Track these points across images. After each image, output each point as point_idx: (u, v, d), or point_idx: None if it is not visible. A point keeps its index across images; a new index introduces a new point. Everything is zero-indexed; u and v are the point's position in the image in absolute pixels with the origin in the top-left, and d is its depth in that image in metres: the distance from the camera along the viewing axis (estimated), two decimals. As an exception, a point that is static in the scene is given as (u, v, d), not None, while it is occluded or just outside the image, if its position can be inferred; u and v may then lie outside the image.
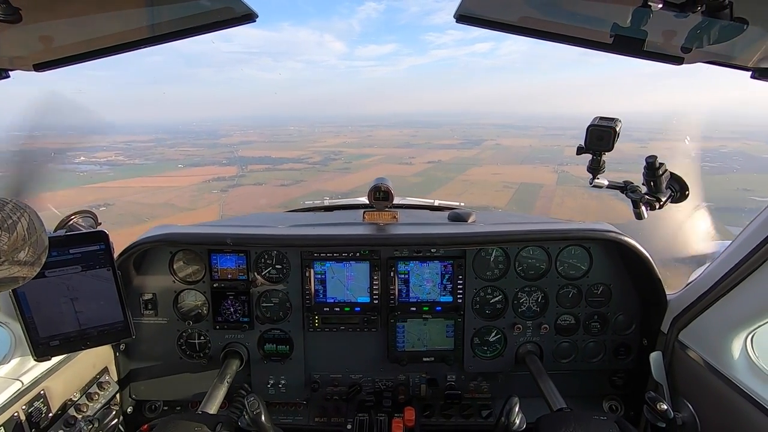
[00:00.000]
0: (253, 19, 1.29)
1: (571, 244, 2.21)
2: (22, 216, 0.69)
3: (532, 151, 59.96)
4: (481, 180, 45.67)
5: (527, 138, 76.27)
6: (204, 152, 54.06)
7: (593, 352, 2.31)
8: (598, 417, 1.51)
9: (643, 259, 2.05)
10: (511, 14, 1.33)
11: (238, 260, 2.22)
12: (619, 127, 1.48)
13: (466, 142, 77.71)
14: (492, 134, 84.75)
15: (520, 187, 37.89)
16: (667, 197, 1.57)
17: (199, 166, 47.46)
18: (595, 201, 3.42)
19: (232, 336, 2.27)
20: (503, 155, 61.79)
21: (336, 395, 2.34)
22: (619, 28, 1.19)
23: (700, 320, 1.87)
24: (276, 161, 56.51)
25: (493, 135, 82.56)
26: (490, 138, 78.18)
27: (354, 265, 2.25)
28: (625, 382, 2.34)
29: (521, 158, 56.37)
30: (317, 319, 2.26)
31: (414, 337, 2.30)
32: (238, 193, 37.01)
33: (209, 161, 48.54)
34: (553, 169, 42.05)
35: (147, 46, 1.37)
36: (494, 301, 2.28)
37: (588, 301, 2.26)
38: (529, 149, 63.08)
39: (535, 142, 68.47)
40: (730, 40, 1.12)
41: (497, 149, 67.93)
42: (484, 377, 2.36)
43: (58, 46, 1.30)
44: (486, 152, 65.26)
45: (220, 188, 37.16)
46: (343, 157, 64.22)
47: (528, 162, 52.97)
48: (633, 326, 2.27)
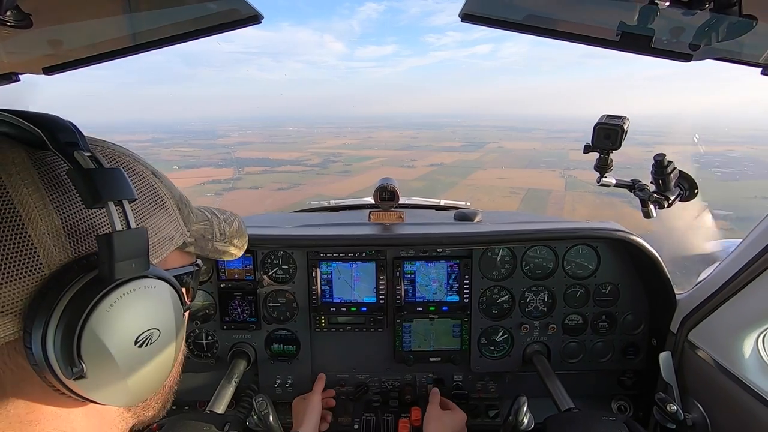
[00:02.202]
0: (259, 21, 1.29)
1: (579, 243, 2.21)
2: (236, 218, 0.92)
3: (537, 155, 59.57)
4: (486, 185, 45.23)
5: (530, 141, 75.99)
6: (200, 153, 53.89)
7: (601, 352, 2.30)
8: (607, 417, 1.50)
9: (651, 258, 2.04)
10: (517, 12, 1.33)
11: (244, 260, 2.23)
12: (626, 125, 1.48)
13: (468, 144, 77.47)
14: (494, 136, 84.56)
15: (527, 193, 37.34)
16: (675, 196, 1.56)
17: (194, 167, 46.88)
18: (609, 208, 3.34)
19: (239, 336, 2.28)
20: (507, 158, 61.46)
21: (343, 395, 2.34)
22: (626, 25, 1.18)
23: (710, 320, 1.85)
24: (274, 163, 56.14)
25: (495, 137, 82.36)
26: (492, 140, 77.91)
27: (360, 265, 2.25)
28: (634, 383, 2.32)
29: (526, 162, 55.98)
30: (324, 319, 2.27)
31: (420, 337, 2.30)
32: (233, 197, 36.46)
33: (205, 163, 48.33)
34: (560, 173, 41.48)
35: (153, 48, 1.38)
36: (501, 300, 2.27)
37: (596, 300, 2.25)
38: (533, 152, 62.74)
39: (538, 145, 68.14)
40: (739, 37, 1.11)
41: (500, 152, 67.65)
42: (491, 377, 2.35)
43: (67, 50, 1.31)
44: (489, 155, 65.01)
45: (214, 191, 36.22)
46: (343, 159, 64.03)
47: (533, 166, 52.57)
48: (642, 326, 2.25)
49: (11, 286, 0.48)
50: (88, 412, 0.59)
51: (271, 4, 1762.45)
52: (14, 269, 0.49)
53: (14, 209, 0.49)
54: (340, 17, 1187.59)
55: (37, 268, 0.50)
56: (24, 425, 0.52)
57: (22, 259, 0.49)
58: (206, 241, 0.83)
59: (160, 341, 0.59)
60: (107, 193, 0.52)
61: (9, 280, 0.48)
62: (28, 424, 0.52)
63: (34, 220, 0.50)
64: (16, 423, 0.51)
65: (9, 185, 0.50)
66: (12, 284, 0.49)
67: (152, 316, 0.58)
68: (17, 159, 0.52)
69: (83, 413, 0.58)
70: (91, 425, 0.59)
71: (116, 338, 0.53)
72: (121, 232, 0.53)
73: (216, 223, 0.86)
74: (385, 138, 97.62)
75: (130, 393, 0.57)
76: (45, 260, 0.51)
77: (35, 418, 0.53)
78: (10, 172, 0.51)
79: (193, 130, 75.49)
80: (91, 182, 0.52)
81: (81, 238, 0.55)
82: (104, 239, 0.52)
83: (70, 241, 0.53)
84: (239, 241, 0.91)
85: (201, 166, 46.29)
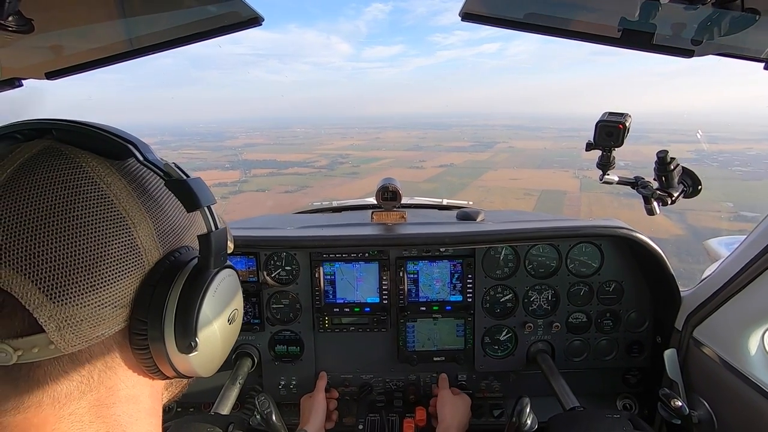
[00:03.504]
0: (259, 23, 1.30)
1: (582, 241, 2.19)
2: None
3: (548, 154, 58.66)
4: (498, 186, 44.33)
5: (540, 140, 75.13)
6: (207, 155, 54.00)
7: (606, 350, 2.28)
8: (611, 415, 1.49)
9: (655, 255, 2.03)
10: (517, 11, 1.32)
11: (247, 262, 2.24)
12: (628, 122, 1.47)
13: (477, 144, 76.84)
14: (503, 136, 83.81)
15: (542, 195, 36.36)
16: (679, 192, 1.54)
17: (201, 170, 46.45)
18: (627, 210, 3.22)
19: (243, 338, 2.29)
20: (518, 159, 60.70)
21: (347, 395, 2.35)
22: (628, 21, 1.17)
23: (715, 317, 1.83)
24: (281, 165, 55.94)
25: (505, 137, 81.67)
26: (502, 140, 77.20)
27: (363, 266, 2.25)
28: (639, 380, 2.31)
29: (538, 162, 55.15)
30: (327, 319, 2.27)
31: (424, 337, 2.30)
32: (240, 201, 36.28)
33: (212, 165, 48.39)
34: (573, 174, 40.46)
35: (155, 52, 1.39)
36: (504, 299, 2.26)
37: (600, 298, 2.23)
38: (544, 152, 61.81)
39: (549, 145, 67.27)
40: (741, 32, 1.10)
41: (511, 152, 66.87)
42: (495, 376, 2.35)
43: (68, 54, 1.32)
44: (499, 155, 64.33)
45: (220, 194, 35.59)
46: (350, 160, 63.73)
47: (546, 166, 51.69)
48: (646, 323, 2.24)
49: (125, 282, 0.57)
50: (152, 393, 0.67)
51: (277, 6, 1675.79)
52: (127, 267, 0.57)
53: (121, 216, 0.58)
54: (346, 18, 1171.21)
55: (142, 265, 0.59)
56: (101, 408, 0.58)
57: (133, 259, 0.58)
58: None
59: (237, 318, 0.73)
60: (203, 200, 0.62)
61: (123, 276, 0.56)
62: (105, 407, 0.59)
63: (137, 225, 0.59)
64: (95, 407, 0.58)
65: (111, 194, 0.58)
66: (125, 280, 0.57)
67: (235, 298, 0.71)
68: (105, 170, 0.59)
69: (149, 395, 0.66)
70: (152, 406, 0.67)
71: (219, 316, 0.66)
72: (215, 232, 0.63)
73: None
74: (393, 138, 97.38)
75: (217, 363, 0.71)
76: (147, 258, 0.60)
77: (112, 401, 0.59)
78: (107, 182, 0.58)
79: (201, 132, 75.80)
80: (190, 190, 0.61)
81: (166, 237, 0.63)
82: (205, 238, 0.62)
83: (160, 241, 0.62)
84: (229, 235, 1.00)
85: (208, 169, 46.33)
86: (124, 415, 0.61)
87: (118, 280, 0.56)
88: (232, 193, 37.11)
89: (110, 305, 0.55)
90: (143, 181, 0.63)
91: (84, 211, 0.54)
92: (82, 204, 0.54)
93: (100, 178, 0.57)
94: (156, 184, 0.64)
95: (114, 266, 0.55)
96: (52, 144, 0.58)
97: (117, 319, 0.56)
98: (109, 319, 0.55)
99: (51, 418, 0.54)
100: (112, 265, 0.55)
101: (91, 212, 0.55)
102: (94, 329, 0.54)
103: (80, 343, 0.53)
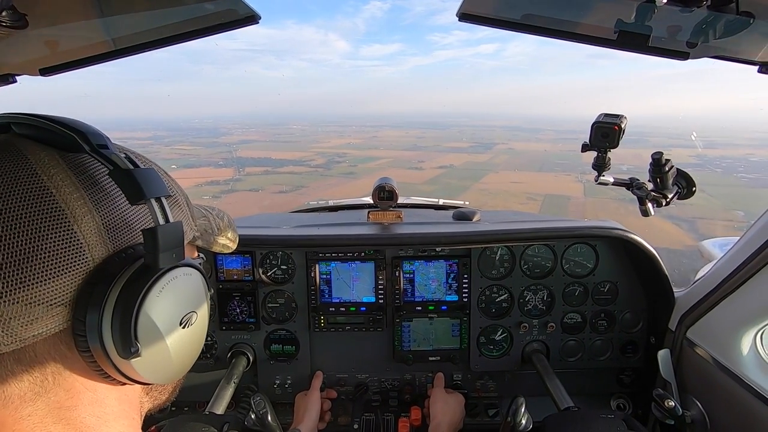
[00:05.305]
0: (256, 21, 1.30)
1: (577, 241, 2.20)
2: (225, 214, 0.98)
3: (549, 157, 58.08)
4: (500, 189, 43.64)
5: (540, 142, 74.72)
6: (201, 152, 53.09)
7: (600, 350, 2.29)
8: (605, 415, 1.49)
9: (649, 256, 2.04)
10: (514, 11, 1.32)
11: (243, 261, 2.23)
12: (624, 124, 1.47)
13: (476, 145, 76.37)
14: (502, 137, 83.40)
15: (545, 199, 35.50)
16: (673, 194, 1.56)
17: (193, 167, 45.06)
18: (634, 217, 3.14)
19: (238, 337, 2.28)
20: (518, 161, 60.17)
21: (342, 395, 2.35)
22: (624, 23, 1.18)
23: (708, 317, 1.85)
24: (276, 163, 54.99)
25: (504, 138, 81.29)
26: (501, 141, 76.77)
27: (359, 265, 2.25)
28: (633, 380, 2.32)
29: (539, 165, 54.61)
30: (323, 319, 2.27)
31: (420, 337, 2.30)
32: (232, 200, 35.29)
33: (205, 162, 47.42)
34: (576, 178, 39.74)
35: (151, 49, 1.38)
36: (500, 299, 2.27)
37: (594, 299, 2.24)
38: (544, 154, 61.27)
39: (549, 147, 66.87)
40: (736, 35, 1.10)
41: (510, 154, 66.41)
42: (490, 376, 2.35)
43: (63, 50, 1.31)
44: (499, 157, 63.85)
45: (212, 193, 34.98)
46: (347, 159, 63.11)
47: (547, 169, 51.04)
48: (640, 324, 2.25)
49: (61, 280, 0.53)
50: (120, 397, 0.64)
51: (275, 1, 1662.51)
52: (64, 264, 0.53)
53: (60, 209, 0.54)
54: (344, 15, 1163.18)
55: (84, 262, 0.55)
56: (63, 411, 0.56)
57: (71, 255, 0.53)
58: (208, 235, 0.89)
59: (197, 323, 0.67)
60: (149, 191, 0.57)
61: (59, 274, 0.52)
62: (67, 410, 0.56)
63: (79, 219, 0.55)
64: (55, 409, 0.55)
65: (53, 186, 0.54)
66: (62, 278, 0.53)
67: (191, 300, 0.65)
68: (52, 161, 0.56)
69: (116, 398, 0.63)
70: (122, 409, 0.64)
71: (165, 320, 0.60)
72: (163, 226, 0.58)
73: (211, 218, 0.92)
74: (391, 137, 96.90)
75: (172, 370, 0.65)
76: (90, 255, 0.55)
77: (73, 404, 0.57)
78: (50, 173, 0.55)
79: (195, 128, 74.98)
80: (134, 181, 0.57)
81: (117, 233, 0.59)
82: (149, 232, 0.57)
83: (109, 236, 0.58)
84: (232, 234, 0.97)
85: (201, 166, 45.28)
86: (91, 417, 0.58)
87: (53, 276, 0.52)
88: (224, 192, 36.21)
89: (43, 303, 0.51)
90: (94, 173, 0.59)
91: (17, 203, 0.51)
92: (16, 197, 0.51)
93: (43, 171, 0.54)
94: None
95: (48, 262, 0.51)
96: (8, 138, 0.57)
97: (55, 318, 0.53)
98: (43, 318, 0.51)
99: (8, 420, 0.52)
100: (45, 261, 0.51)
101: (25, 205, 0.51)
102: (27, 328, 0.50)
103: (13, 342, 0.50)
